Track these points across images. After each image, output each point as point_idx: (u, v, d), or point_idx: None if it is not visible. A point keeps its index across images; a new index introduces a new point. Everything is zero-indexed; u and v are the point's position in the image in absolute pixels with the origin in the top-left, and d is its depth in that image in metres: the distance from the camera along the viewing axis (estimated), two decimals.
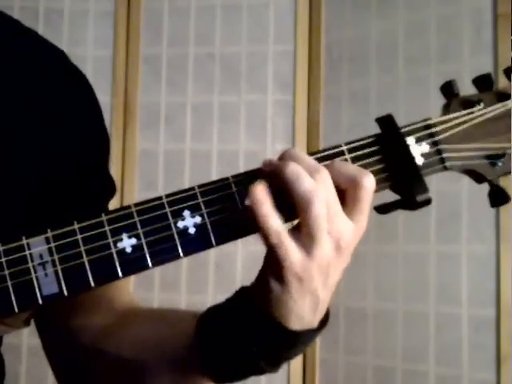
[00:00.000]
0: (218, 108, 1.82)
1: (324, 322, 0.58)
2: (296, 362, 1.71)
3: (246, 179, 0.57)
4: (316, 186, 0.53)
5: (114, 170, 1.79)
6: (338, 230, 0.54)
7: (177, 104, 1.85)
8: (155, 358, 0.65)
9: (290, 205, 0.54)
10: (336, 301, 1.69)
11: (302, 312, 0.55)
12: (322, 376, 1.70)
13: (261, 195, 0.54)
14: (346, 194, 0.55)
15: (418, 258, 1.58)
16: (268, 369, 0.58)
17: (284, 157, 0.56)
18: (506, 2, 1.46)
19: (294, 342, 0.57)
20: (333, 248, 0.54)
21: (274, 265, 0.54)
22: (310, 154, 0.58)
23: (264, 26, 1.83)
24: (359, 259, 1.66)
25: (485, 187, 0.63)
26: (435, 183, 1.64)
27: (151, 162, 1.82)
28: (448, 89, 0.63)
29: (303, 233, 0.53)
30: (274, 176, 0.55)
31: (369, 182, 0.55)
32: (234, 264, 1.74)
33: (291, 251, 0.53)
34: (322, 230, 0.53)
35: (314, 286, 0.55)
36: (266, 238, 0.54)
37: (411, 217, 1.59)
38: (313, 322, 0.57)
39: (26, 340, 1.74)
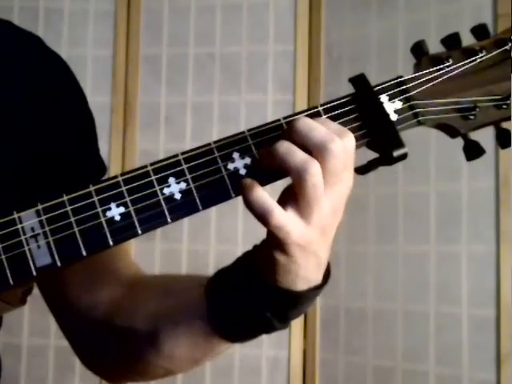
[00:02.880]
0: (217, 108, 1.82)
1: (327, 274, 0.61)
2: (296, 362, 1.71)
3: (227, 144, 0.59)
4: (310, 158, 0.54)
5: (114, 169, 1.79)
6: (336, 195, 0.56)
7: (177, 104, 1.85)
8: (169, 327, 0.67)
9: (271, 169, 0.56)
10: (336, 301, 1.70)
11: (307, 274, 0.58)
12: (322, 376, 1.70)
13: (249, 182, 0.55)
14: None
15: (418, 258, 1.58)
16: (280, 326, 0.61)
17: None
18: (506, 2, 1.46)
19: (303, 301, 0.60)
20: (330, 210, 0.56)
21: (276, 240, 0.56)
22: (286, 117, 0.60)
23: (264, 26, 1.83)
24: (359, 259, 1.66)
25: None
26: (435, 183, 1.64)
27: None
28: (418, 48, 0.65)
29: (301, 203, 0.55)
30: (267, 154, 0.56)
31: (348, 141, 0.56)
32: None
33: (293, 227, 0.55)
34: (320, 198, 0.55)
35: (315, 248, 0.57)
36: (265, 223, 0.55)
37: (411, 217, 1.60)
38: (318, 279, 0.60)
39: (26, 340, 1.74)
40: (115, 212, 0.56)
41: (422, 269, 1.57)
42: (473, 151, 0.62)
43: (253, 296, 0.59)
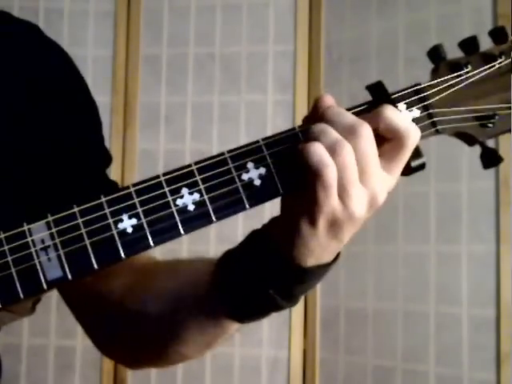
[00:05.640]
0: (218, 108, 1.82)
1: (337, 254, 0.60)
2: (296, 362, 1.71)
3: (241, 154, 0.57)
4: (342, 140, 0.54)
5: (114, 169, 1.79)
6: (374, 186, 0.55)
7: (177, 104, 1.85)
8: (179, 308, 0.66)
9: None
10: (336, 301, 1.70)
11: (322, 254, 0.57)
12: (322, 376, 1.70)
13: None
14: (387, 145, 0.56)
15: (418, 258, 1.58)
16: (286, 304, 0.59)
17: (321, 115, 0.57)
18: (506, 2, 1.46)
19: (310, 278, 0.58)
20: (367, 203, 0.56)
21: (310, 207, 0.54)
22: (301, 126, 0.58)
23: (264, 26, 1.83)
24: (359, 259, 1.66)
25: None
26: (435, 183, 1.64)
27: (151, 162, 1.82)
28: (435, 53, 0.63)
29: (340, 184, 0.54)
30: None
31: (416, 132, 0.56)
32: None
33: (333, 198, 0.54)
34: (354, 182, 0.54)
35: (342, 235, 0.56)
36: (318, 180, 0.53)
37: (411, 217, 1.60)
38: (329, 260, 0.58)
39: (26, 340, 1.74)
40: (127, 224, 0.54)
41: (422, 269, 1.57)
42: (491, 159, 0.61)
43: (258, 267, 0.58)
